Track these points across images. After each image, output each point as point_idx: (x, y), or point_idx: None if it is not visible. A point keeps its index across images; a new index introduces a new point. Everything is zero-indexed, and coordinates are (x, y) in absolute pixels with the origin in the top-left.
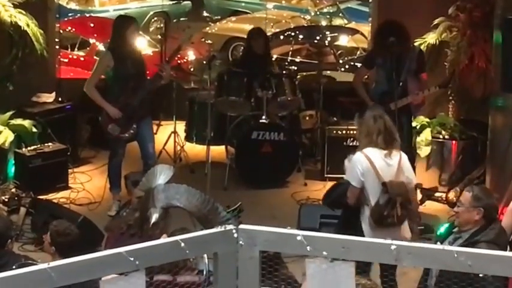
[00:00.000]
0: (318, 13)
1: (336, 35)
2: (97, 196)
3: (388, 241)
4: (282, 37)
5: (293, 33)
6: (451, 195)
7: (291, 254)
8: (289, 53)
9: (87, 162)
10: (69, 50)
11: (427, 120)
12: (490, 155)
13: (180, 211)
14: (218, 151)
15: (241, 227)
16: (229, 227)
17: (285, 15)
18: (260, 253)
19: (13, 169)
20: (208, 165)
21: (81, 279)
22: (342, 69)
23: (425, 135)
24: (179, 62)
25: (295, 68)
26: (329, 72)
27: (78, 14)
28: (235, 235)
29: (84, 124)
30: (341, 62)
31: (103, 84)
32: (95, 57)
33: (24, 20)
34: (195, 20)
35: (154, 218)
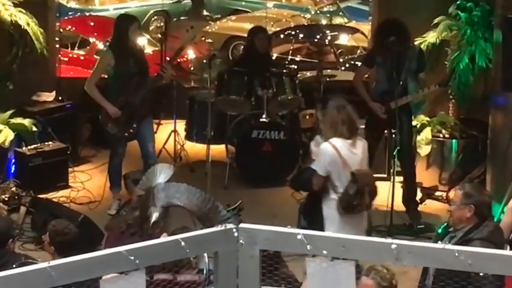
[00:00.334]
0: (318, 12)
1: (336, 34)
2: (97, 195)
3: (388, 240)
4: (282, 36)
5: (293, 32)
6: (452, 194)
7: (291, 253)
8: (290, 52)
9: (87, 161)
10: (69, 49)
11: (427, 119)
12: (490, 154)
13: (180, 210)
14: (218, 150)
15: (241, 226)
16: (229, 226)
17: (285, 14)
18: (260, 252)
19: (13, 168)
20: (209, 164)
21: (81, 278)
22: (342, 68)
23: (426, 134)
24: (179, 61)
25: (296, 67)
26: (329, 71)
27: (78, 13)
28: (235, 234)
29: (84, 123)
30: (341, 61)
31: (104, 83)
32: (95, 56)
33: (24, 19)
34: (195, 19)
35: (155, 217)
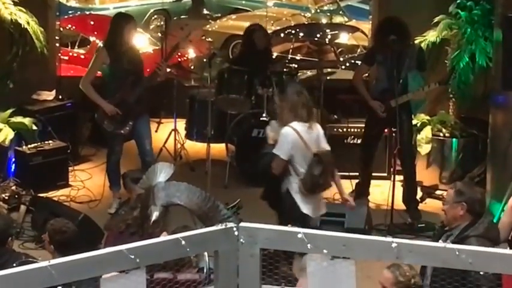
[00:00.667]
0: (318, 11)
1: (336, 32)
2: (97, 194)
3: (389, 239)
4: (282, 35)
5: (293, 31)
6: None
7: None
8: (290, 50)
9: (88, 160)
10: (69, 47)
11: (428, 118)
12: (490, 153)
13: (180, 209)
14: (218, 149)
15: (242, 224)
16: (230, 225)
17: (285, 13)
18: (261, 251)
19: (13, 167)
20: (209, 163)
21: (81, 277)
22: (343, 67)
23: (426, 133)
24: (179, 60)
25: (296, 66)
26: (329, 70)
27: (78, 12)
28: (235, 233)
29: (84, 122)
30: (341, 59)
31: (99, 81)
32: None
33: (24, 18)
34: (195, 18)
35: (155, 216)
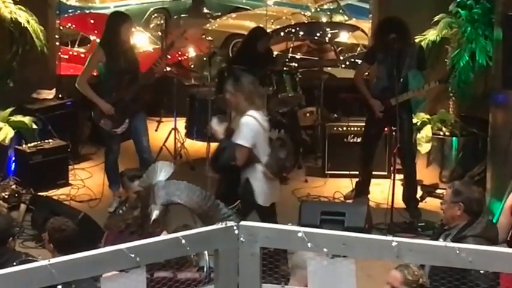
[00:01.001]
0: (318, 10)
1: (336, 31)
2: (97, 193)
3: (389, 238)
4: (282, 34)
5: (293, 30)
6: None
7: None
8: (290, 49)
9: (88, 159)
10: (69, 46)
11: (428, 116)
12: (490, 151)
13: (180, 208)
14: None
15: (242, 223)
16: (230, 224)
17: (285, 12)
18: (261, 250)
19: (13, 166)
20: (209, 162)
21: (81, 276)
22: (343, 66)
23: (426, 132)
24: (180, 58)
25: (296, 65)
26: (329, 68)
27: (79, 11)
28: (236, 232)
29: (84, 120)
30: (341, 58)
31: (96, 79)
32: None
33: (24, 17)
34: (196, 17)
35: (155, 214)
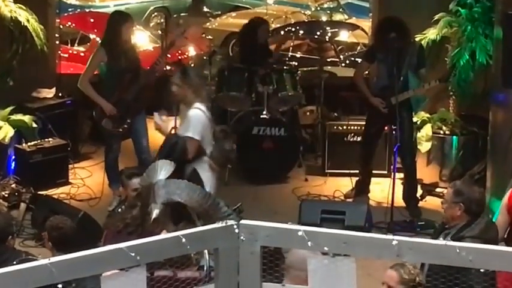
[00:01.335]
0: (319, 8)
1: (337, 30)
2: (97, 192)
3: (389, 236)
4: (282, 32)
5: (293, 29)
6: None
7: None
8: (290, 48)
9: (88, 158)
10: (69, 45)
11: (428, 115)
12: (490, 150)
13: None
14: None
15: (242, 222)
16: (230, 223)
17: (285, 11)
18: (261, 248)
19: (13, 164)
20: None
21: (82, 275)
22: (343, 65)
23: (426, 131)
24: (180, 57)
25: (296, 64)
26: (330, 67)
27: (78, 10)
28: (236, 230)
29: (84, 119)
30: (341, 57)
31: (97, 79)
32: None
33: (24, 16)
34: (196, 15)
35: (155, 213)
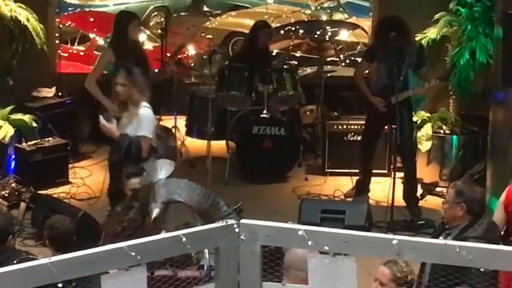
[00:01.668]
0: (319, 8)
1: (337, 29)
2: (97, 191)
3: (390, 236)
4: (282, 32)
5: (293, 28)
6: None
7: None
8: (290, 47)
9: (88, 157)
10: (69, 44)
11: (428, 115)
12: (490, 149)
13: (181, 206)
14: (219, 146)
15: (242, 221)
16: (230, 222)
17: (285, 10)
18: (261, 248)
19: (13, 164)
20: (209, 160)
21: (82, 274)
22: (343, 64)
23: (426, 130)
24: (180, 56)
25: (296, 63)
26: (330, 67)
27: (78, 9)
28: (236, 230)
29: (84, 119)
30: (341, 56)
31: (104, 79)
32: (95, 52)
33: (24, 15)
34: (195, 15)
35: (155, 213)
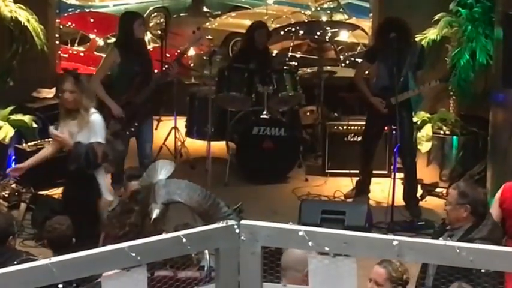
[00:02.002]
0: (319, 8)
1: (337, 30)
2: None
3: (390, 237)
4: (282, 33)
5: (293, 29)
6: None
7: None
8: (290, 48)
9: None
10: (69, 45)
11: (428, 115)
12: (490, 150)
13: (181, 206)
14: (219, 147)
15: (243, 222)
16: (230, 223)
17: (285, 11)
18: (262, 248)
19: (13, 164)
20: (209, 160)
21: (82, 275)
22: (343, 65)
23: (426, 131)
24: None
25: (296, 64)
26: (329, 67)
27: (78, 10)
28: (237, 230)
29: None
30: (341, 57)
31: (108, 80)
32: (95, 53)
33: (24, 16)
34: (195, 15)
35: (155, 214)
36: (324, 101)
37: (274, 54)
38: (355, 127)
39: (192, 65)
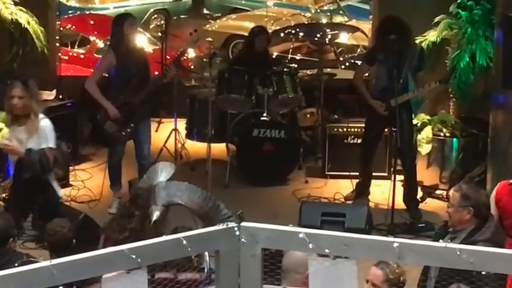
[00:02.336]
0: (319, 11)
1: (337, 32)
2: (98, 194)
3: (390, 239)
4: (282, 35)
5: (293, 31)
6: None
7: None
8: (290, 50)
9: (88, 160)
10: (69, 47)
11: (428, 117)
12: (491, 152)
13: (181, 208)
14: (219, 149)
15: (243, 224)
16: (231, 225)
17: (285, 13)
18: (262, 251)
19: (12, 168)
20: (209, 163)
21: (83, 277)
22: (343, 67)
23: (426, 133)
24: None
25: (296, 66)
26: (329, 69)
27: (78, 12)
28: (237, 232)
29: (84, 121)
30: (341, 59)
31: (105, 82)
32: (95, 55)
33: (24, 18)
34: (195, 18)
35: (156, 216)
36: (324, 103)
37: (274, 56)
38: (355, 129)
39: (192, 67)
